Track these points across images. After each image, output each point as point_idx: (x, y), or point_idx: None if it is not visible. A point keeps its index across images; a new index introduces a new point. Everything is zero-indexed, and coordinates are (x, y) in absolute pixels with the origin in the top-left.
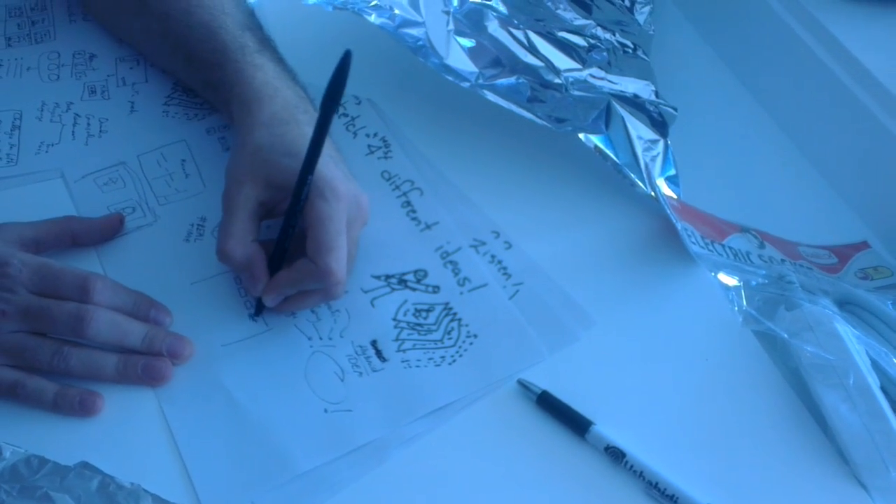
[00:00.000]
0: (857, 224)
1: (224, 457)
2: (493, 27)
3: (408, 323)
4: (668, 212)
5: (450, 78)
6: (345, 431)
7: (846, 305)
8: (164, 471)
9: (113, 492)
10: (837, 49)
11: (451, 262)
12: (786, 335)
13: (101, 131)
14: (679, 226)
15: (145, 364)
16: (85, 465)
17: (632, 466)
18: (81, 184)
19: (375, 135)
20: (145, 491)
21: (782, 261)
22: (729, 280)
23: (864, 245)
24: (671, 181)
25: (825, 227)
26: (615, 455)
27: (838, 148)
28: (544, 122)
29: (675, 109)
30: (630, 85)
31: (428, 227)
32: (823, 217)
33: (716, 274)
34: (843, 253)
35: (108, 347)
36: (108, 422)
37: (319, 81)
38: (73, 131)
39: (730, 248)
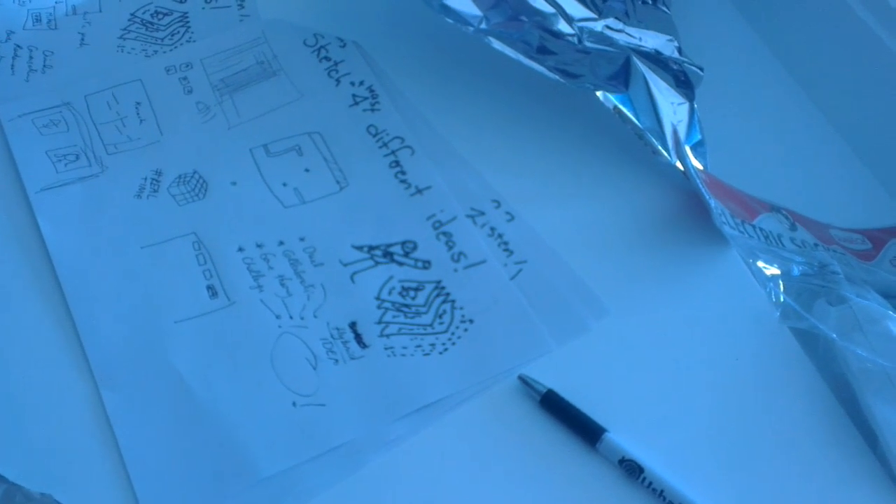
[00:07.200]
0: (892, 206)
1: (171, 456)
2: None
3: (393, 303)
4: (700, 186)
5: (450, 21)
6: (316, 430)
7: (888, 298)
8: (96, 473)
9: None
10: (887, 13)
11: (444, 233)
12: (834, 335)
13: (44, 66)
14: (712, 203)
15: None
16: None
17: (650, 483)
18: (17, 123)
19: (361, 83)
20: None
21: (815, 245)
22: (768, 268)
23: None
24: (697, 150)
25: (857, 208)
26: (631, 469)
27: (874, 123)
28: (555, 76)
29: (702, 70)
30: (650, 39)
31: (419, 191)
32: (855, 197)
33: (754, 261)
34: (878, 238)
35: None
36: (29, 409)
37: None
38: (12, 65)
39: (760, 229)
